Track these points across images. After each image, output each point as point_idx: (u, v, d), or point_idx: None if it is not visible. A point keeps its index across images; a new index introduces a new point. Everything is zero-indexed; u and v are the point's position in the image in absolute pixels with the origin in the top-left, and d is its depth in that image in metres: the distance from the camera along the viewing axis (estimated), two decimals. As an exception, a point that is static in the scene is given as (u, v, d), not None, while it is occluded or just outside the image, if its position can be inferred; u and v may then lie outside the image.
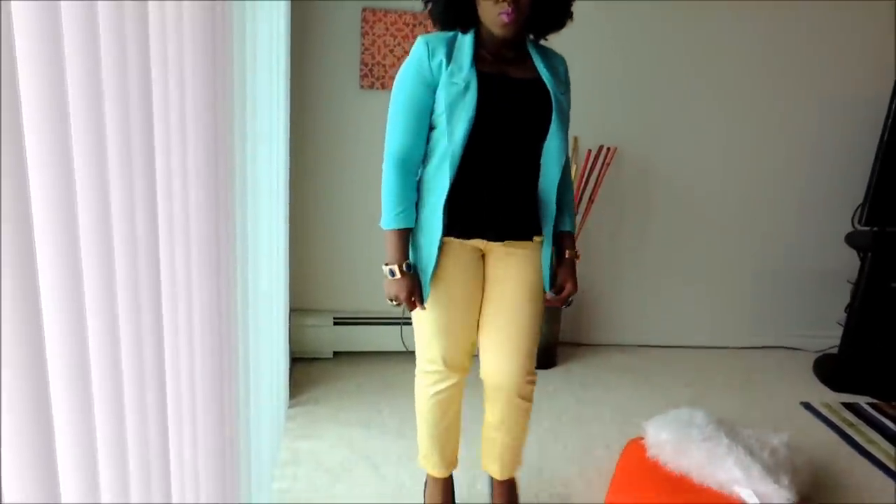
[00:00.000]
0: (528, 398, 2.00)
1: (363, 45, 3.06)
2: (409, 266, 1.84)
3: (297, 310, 3.25)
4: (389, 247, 1.84)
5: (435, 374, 1.99)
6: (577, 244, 2.11)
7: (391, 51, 3.07)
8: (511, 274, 1.90)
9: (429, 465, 2.13)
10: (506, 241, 1.87)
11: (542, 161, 1.81)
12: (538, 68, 1.81)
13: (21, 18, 0.50)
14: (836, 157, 3.48)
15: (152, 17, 0.82)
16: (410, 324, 3.27)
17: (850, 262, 3.41)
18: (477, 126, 1.73)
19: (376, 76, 3.10)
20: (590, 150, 3.24)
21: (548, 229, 1.88)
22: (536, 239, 1.89)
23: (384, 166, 1.83)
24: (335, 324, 3.26)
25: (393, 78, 3.09)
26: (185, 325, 1.04)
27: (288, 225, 2.62)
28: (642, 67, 3.31)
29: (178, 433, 1.02)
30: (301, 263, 3.24)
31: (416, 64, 1.77)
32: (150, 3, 0.80)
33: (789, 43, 3.33)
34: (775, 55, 3.34)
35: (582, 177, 3.25)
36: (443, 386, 1.99)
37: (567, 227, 1.97)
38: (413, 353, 3.28)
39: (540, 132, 1.79)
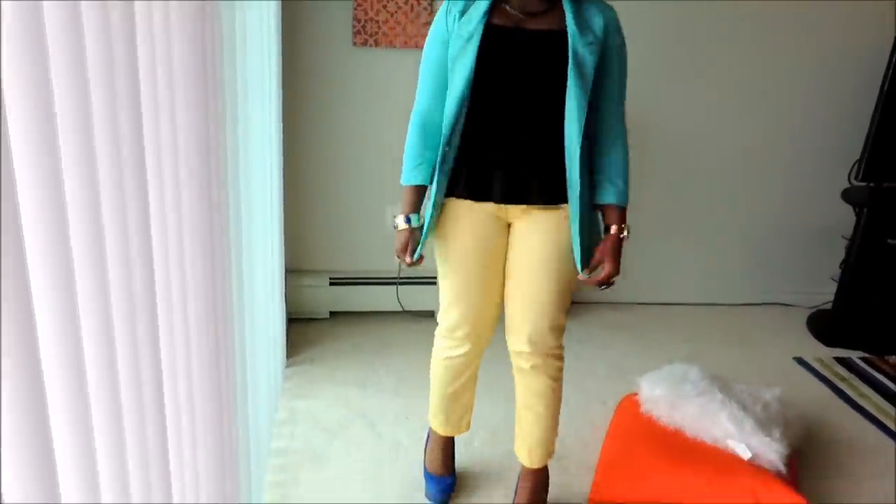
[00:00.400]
0: (552, 376, 1.92)
1: (356, 0, 2.99)
2: (408, 219, 1.86)
3: (293, 270, 3.25)
4: (402, 201, 1.89)
5: (448, 339, 1.98)
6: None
7: (384, 6, 3.01)
8: (530, 240, 1.82)
9: (434, 423, 2.15)
10: (525, 207, 1.79)
11: (565, 121, 1.70)
12: (567, 20, 1.67)
13: (3, 18, 0.49)
14: (833, 113, 3.45)
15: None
16: (407, 283, 3.29)
17: (845, 218, 3.41)
18: (480, 81, 1.70)
19: (369, 33, 3.04)
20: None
21: (572, 197, 1.74)
22: (566, 206, 1.78)
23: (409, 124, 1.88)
24: (331, 284, 3.26)
25: (386, 34, 3.04)
26: (179, 289, 1.03)
27: (282, 186, 2.60)
28: (636, 25, 3.24)
29: (174, 398, 1.03)
30: (296, 224, 3.23)
31: (435, 22, 1.78)
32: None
33: (789, -5, 3.27)
34: (773, 8, 3.28)
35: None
36: (453, 353, 1.98)
37: (609, 199, 1.79)
38: (409, 312, 3.31)
39: (556, 88, 1.68)
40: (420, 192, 1.88)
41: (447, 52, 1.75)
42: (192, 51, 1.05)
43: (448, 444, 2.19)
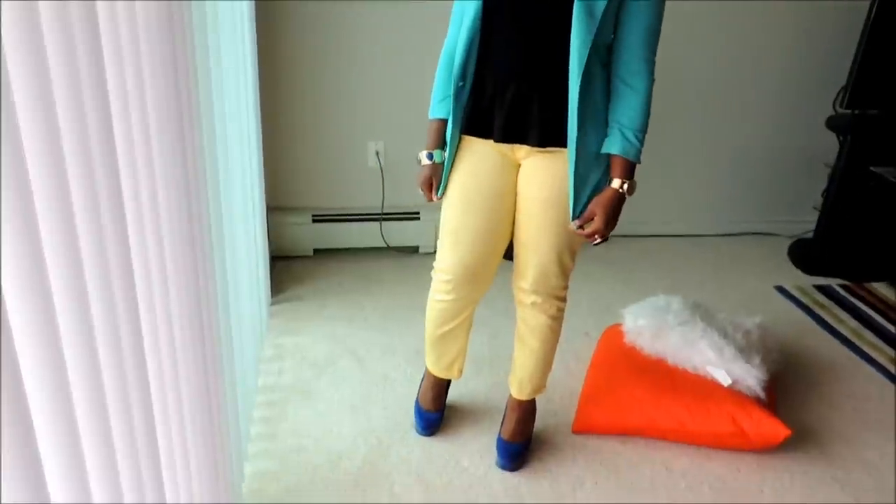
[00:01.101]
0: (552, 315, 1.93)
1: (330, -74, 2.88)
2: (430, 155, 1.85)
3: (276, 208, 3.22)
4: (427, 135, 1.88)
5: (439, 282, 1.96)
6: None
7: (360, -68, 2.90)
8: (533, 182, 1.78)
9: (427, 361, 2.17)
10: (529, 148, 1.74)
11: (569, 61, 1.62)
12: None
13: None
14: (818, 40, 3.39)
15: None
16: (391, 219, 3.27)
17: (829, 146, 3.40)
18: (488, 16, 1.66)
19: (345, -40, 2.93)
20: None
21: (569, 141, 1.67)
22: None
23: None
24: (314, 221, 3.24)
25: (364, -40, 2.94)
26: (153, 232, 1.01)
27: (260, 122, 2.55)
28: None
29: (154, 339, 1.02)
30: (277, 161, 3.18)
31: None
32: None
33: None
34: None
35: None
36: (442, 297, 1.97)
37: (612, 149, 1.68)
38: (393, 248, 3.30)
39: (562, 26, 1.59)
40: (444, 126, 1.84)
41: None
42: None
43: (439, 383, 2.21)
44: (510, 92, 1.70)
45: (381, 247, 3.30)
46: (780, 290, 3.19)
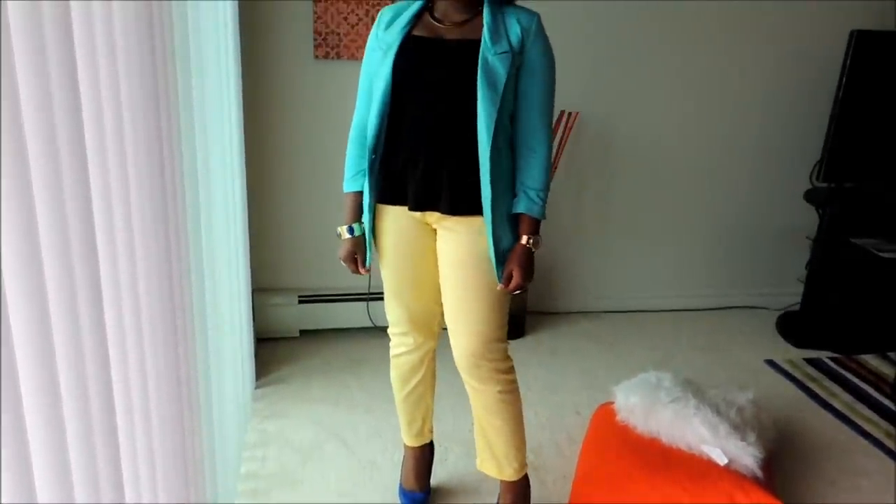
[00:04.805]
0: (503, 390, 1.89)
1: (315, 13, 2.97)
2: (350, 230, 1.90)
3: (261, 289, 3.19)
4: (343, 210, 1.93)
5: (393, 336, 2.03)
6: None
7: (345, 18, 2.98)
8: (448, 250, 1.82)
9: (402, 434, 2.16)
10: (440, 215, 1.78)
11: (477, 131, 1.69)
12: (484, 29, 1.69)
13: None
14: (793, 115, 3.49)
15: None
16: (377, 299, 3.24)
17: (810, 218, 3.45)
18: (397, 92, 1.73)
19: (331, 45, 3.01)
20: (551, 116, 3.20)
21: (484, 207, 1.73)
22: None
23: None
24: (300, 302, 3.20)
25: (348, 47, 3.02)
26: (132, 315, 0.99)
27: (245, 203, 2.55)
28: (600, 31, 3.27)
29: (129, 425, 0.98)
30: (263, 242, 3.17)
31: (371, 33, 1.83)
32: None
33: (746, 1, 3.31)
34: (731, 12, 3.32)
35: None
36: (398, 350, 2.03)
37: (519, 209, 1.78)
38: (379, 328, 3.26)
39: (467, 98, 1.67)
40: (359, 199, 1.90)
41: None
42: (142, 65, 1.01)
43: (420, 458, 2.16)
44: (421, 162, 1.76)
45: (367, 327, 3.27)
46: (771, 363, 3.17)
